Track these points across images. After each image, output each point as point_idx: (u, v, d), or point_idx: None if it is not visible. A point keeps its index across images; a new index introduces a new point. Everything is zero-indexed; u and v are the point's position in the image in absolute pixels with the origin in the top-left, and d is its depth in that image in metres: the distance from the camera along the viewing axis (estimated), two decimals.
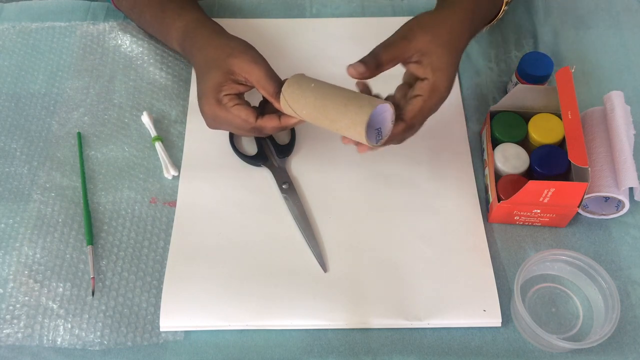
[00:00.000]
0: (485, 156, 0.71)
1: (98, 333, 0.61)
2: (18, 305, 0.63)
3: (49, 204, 0.69)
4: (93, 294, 0.63)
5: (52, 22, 0.85)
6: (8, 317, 0.62)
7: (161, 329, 0.61)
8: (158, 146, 0.73)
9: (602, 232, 0.67)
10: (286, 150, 0.72)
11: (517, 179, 0.66)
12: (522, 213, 0.66)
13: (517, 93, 0.69)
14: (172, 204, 0.70)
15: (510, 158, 0.67)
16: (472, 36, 0.65)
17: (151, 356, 0.60)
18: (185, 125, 0.75)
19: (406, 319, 0.61)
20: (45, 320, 0.62)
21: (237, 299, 0.62)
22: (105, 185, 0.71)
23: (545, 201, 0.63)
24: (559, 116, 0.68)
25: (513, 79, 0.76)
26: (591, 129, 0.69)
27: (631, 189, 0.67)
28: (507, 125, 0.70)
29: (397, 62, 0.59)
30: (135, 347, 0.61)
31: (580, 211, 0.67)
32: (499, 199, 0.65)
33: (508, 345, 0.61)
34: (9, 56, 0.82)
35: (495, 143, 0.69)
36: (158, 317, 0.62)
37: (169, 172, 0.71)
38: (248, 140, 0.74)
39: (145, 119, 0.75)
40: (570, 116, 0.63)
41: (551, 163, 0.66)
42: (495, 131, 0.70)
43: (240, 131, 0.64)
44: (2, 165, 0.72)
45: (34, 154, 0.73)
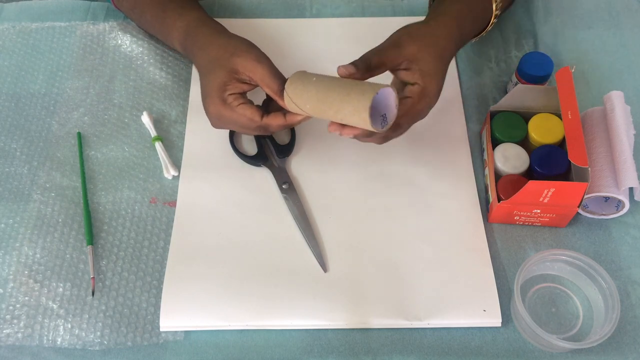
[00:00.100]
0: (485, 156, 0.71)
1: (98, 333, 0.61)
2: (18, 305, 0.63)
3: (49, 204, 0.69)
4: (93, 294, 0.63)
5: (52, 22, 0.85)
6: (8, 317, 0.62)
7: (161, 329, 0.61)
8: (158, 146, 0.73)
9: (602, 232, 0.67)
10: (286, 150, 0.72)
11: (517, 179, 0.66)
12: (522, 213, 0.66)
13: (517, 93, 0.69)
14: (172, 204, 0.70)
15: (510, 158, 0.67)
16: (459, 47, 0.68)
17: (151, 356, 0.60)
18: (185, 125, 0.75)
19: (406, 319, 0.61)
20: (45, 320, 0.62)
21: (237, 299, 0.62)
22: (105, 185, 0.71)
23: (545, 201, 0.63)
24: (559, 116, 0.68)
25: (513, 79, 0.76)
26: (591, 129, 0.69)
27: (631, 189, 0.67)
28: (507, 125, 0.70)
29: (387, 69, 0.61)
30: (135, 347, 0.61)
31: (580, 211, 0.67)
32: (499, 199, 0.65)
33: (508, 345, 0.61)
34: (9, 56, 0.82)
35: (495, 143, 0.69)
36: (158, 317, 0.62)
37: (169, 172, 0.71)
38: (248, 140, 0.74)
39: (145, 119, 0.75)
40: (570, 116, 0.63)
41: (551, 163, 0.66)
42: (495, 131, 0.70)
43: (245, 130, 0.64)
44: (2, 165, 0.72)
45: (34, 154, 0.73)
